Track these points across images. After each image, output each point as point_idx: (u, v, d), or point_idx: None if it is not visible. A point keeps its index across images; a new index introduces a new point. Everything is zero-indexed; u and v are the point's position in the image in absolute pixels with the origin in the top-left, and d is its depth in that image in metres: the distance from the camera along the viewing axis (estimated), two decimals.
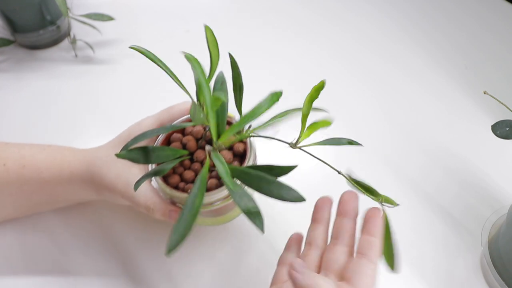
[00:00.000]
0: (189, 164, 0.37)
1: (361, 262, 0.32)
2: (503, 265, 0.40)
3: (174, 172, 0.36)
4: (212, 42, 0.34)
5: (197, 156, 0.36)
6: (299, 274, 0.29)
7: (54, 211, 0.46)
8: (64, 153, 0.41)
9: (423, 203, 0.49)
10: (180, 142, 0.38)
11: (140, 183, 0.33)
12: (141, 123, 0.41)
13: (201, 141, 0.37)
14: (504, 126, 0.38)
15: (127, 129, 0.41)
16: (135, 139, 0.33)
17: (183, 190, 0.36)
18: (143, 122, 0.41)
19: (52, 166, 0.40)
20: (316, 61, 0.67)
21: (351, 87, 0.63)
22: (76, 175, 0.40)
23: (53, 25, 0.65)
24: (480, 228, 0.44)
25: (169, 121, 0.41)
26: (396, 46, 0.70)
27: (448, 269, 0.44)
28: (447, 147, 0.55)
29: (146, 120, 0.41)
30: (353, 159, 0.54)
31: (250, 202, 0.30)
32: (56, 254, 0.44)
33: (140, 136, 0.33)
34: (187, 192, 0.35)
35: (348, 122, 0.58)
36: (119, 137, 0.41)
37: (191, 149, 0.37)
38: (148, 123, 0.40)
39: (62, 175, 0.40)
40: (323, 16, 0.76)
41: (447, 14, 0.77)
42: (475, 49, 0.70)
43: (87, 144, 0.43)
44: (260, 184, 0.30)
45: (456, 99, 0.62)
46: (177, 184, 0.36)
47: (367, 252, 0.33)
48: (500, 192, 0.50)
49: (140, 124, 0.41)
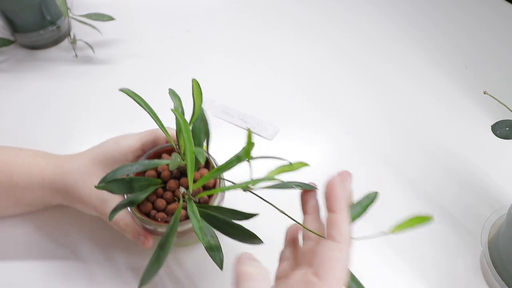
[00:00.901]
0: (161, 192, 0.39)
1: (323, 244, 0.28)
2: (503, 265, 0.40)
3: (147, 200, 0.38)
4: (197, 92, 0.37)
5: (170, 186, 0.39)
6: (237, 264, 0.28)
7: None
8: (37, 159, 0.41)
9: (423, 203, 0.49)
10: (155, 170, 0.40)
11: (116, 213, 0.34)
12: (120, 142, 0.40)
13: (176, 172, 0.40)
14: (504, 126, 0.38)
15: (103, 145, 0.40)
16: (113, 172, 0.34)
17: (154, 218, 0.38)
18: (123, 142, 0.39)
19: (25, 171, 0.40)
20: (316, 61, 0.67)
21: (351, 87, 0.63)
22: (47, 182, 0.40)
23: (53, 25, 0.65)
24: (480, 228, 0.44)
25: (152, 143, 0.41)
26: (396, 46, 0.70)
27: (448, 269, 0.44)
28: (447, 147, 0.55)
29: (126, 139, 0.40)
30: (353, 159, 0.54)
31: (213, 240, 0.34)
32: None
33: (119, 170, 0.35)
34: (157, 221, 0.37)
35: (348, 122, 0.58)
36: (94, 153, 0.40)
37: (165, 178, 0.39)
38: (128, 143, 0.39)
39: (33, 180, 0.40)
40: (323, 16, 0.76)
41: (447, 14, 0.77)
42: (475, 49, 0.70)
43: (87, 144, 0.43)
44: (225, 228, 0.34)
45: (456, 99, 0.62)
46: (149, 212, 0.38)
47: (330, 232, 0.29)
48: (500, 192, 0.50)
49: (119, 143, 0.39)
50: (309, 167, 0.35)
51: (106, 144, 0.40)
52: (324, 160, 0.54)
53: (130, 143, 0.40)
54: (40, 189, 0.40)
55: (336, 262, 0.27)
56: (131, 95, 0.35)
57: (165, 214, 0.38)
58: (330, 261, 0.27)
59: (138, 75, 0.63)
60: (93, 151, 0.40)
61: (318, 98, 0.61)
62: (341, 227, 0.29)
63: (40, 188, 0.40)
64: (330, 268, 0.27)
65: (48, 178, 0.40)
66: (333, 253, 0.27)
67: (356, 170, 0.54)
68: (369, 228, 0.47)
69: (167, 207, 0.38)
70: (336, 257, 0.27)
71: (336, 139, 0.56)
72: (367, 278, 0.43)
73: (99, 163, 0.39)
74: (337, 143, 0.56)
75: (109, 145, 0.40)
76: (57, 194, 0.40)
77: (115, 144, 0.40)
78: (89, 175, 0.38)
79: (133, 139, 0.40)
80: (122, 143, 0.40)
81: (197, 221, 0.32)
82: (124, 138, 0.40)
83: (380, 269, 0.43)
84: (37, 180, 0.40)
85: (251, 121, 0.56)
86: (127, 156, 0.40)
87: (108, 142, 0.40)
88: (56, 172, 0.39)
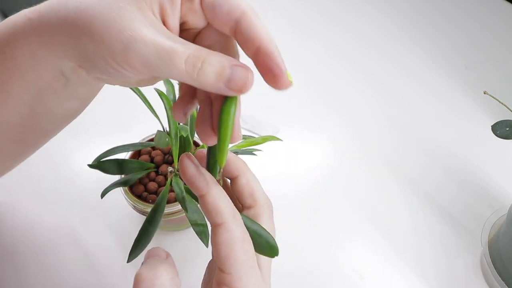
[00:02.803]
0: (154, 176, 0.41)
1: (212, 235, 0.25)
2: (503, 265, 0.40)
3: (140, 182, 0.40)
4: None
5: (162, 170, 0.41)
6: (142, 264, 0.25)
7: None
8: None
9: (423, 203, 0.49)
10: (149, 155, 0.42)
11: (108, 191, 0.36)
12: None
13: (168, 156, 0.42)
14: (504, 126, 0.38)
15: None
16: (106, 152, 0.36)
17: (145, 199, 0.39)
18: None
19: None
20: (316, 60, 0.67)
21: (351, 87, 0.63)
22: (38, 22, 0.24)
23: None
24: (480, 228, 0.44)
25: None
26: (396, 46, 0.70)
27: (448, 269, 0.44)
28: (447, 147, 0.55)
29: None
30: (354, 159, 0.54)
31: (200, 218, 0.34)
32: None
33: (111, 151, 0.38)
34: (148, 202, 0.39)
35: (348, 122, 0.58)
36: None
37: (158, 163, 0.41)
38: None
39: (15, 29, 0.25)
40: (323, 16, 0.76)
41: (447, 14, 0.77)
42: (475, 49, 0.70)
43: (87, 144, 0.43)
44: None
45: (456, 99, 0.62)
46: (141, 193, 0.40)
47: (209, 219, 0.25)
48: (500, 192, 0.50)
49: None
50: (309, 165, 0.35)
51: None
52: (324, 160, 0.54)
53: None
54: (28, 43, 0.24)
55: (228, 246, 0.23)
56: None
57: (156, 196, 0.40)
58: (221, 249, 0.23)
59: None
60: None
61: (318, 98, 0.61)
62: (216, 206, 0.24)
63: (28, 40, 0.24)
64: (227, 257, 0.23)
65: (37, 15, 0.24)
66: (221, 238, 0.23)
67: (356, 170, 0.54)
68: (369, 228, 0.47)
69: (158, 190, 0.40)
70: (226, 241, 0.23)
71: (336, 139, 0.56)
72: (368, 278, 0.43)
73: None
74: (337, 143, 0.56)
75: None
76: (57, 36, 0.23)
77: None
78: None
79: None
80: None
81: (181, 191, 0.33)
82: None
83: (380, 269, 0.43)
84: (21, 26, 0.25)
85: (251, 121, 0.56)
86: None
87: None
88: (54, 6, 0.24)
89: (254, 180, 0.28)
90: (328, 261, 0.44)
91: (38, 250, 0.44)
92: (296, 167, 0.52)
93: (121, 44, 0.21)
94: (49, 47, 0.24)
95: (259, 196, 0.27)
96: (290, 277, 0.42)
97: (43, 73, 0.25)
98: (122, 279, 0.42)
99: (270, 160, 0.48)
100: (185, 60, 0.21)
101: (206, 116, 0.25)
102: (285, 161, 0.53)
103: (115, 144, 0.40)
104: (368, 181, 0.51)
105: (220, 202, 0.24)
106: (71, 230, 0.45)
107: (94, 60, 0.23)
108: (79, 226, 0.46)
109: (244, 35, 0.23)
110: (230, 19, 0.23)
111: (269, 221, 0.27)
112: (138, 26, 0.21)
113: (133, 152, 0.42)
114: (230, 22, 0.23)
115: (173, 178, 0.36)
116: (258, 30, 0.23)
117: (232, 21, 0.23)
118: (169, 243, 0.44)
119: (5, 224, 0.46)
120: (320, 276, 0.43)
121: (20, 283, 0.42)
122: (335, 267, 0.43)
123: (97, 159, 0.37)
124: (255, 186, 0.27)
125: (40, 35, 0.24)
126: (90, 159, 0.38)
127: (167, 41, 0.21)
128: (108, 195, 0.37)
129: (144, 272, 0.23)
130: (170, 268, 0.24)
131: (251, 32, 0.23)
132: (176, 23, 0.24)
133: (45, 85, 0.25)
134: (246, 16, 0.23)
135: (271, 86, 0.23)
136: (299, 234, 0.45)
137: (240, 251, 0.24)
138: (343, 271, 0.43)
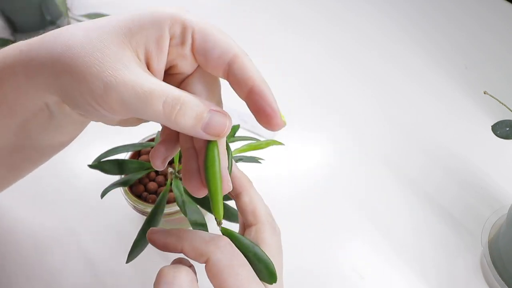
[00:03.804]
0: (154, 176, 0.41)
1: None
2: (503, 265, 0.40)
3: (140, 182, 0.40)
4: None
5: (162, 170, 0.40)
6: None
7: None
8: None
9: (423, 203, 0.49)
10: (149, 155, 0.41)
11: (108, 191, 0.36)
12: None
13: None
14: (504, 126, 0.38)
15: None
16: (107, 152, 0.36)
17: (145, 199, 0.39)
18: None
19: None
20: (316, 60, 0.67)
21: (351, 87, 0.63)
22: (27, 55, 0.24)
23: (53, 25, 0.65)
24: (480, 228, 0.44)
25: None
26: (396, 46, 0.70)
27: (448, 269, 0.44)
28: (447, 147, 0.55)
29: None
30: (354, 159, 0.54)
31: (199, 218, 0.34)
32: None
33: (112, 151, 0.38)
34: (148, 202, 0.39)
35: (348, 122, 0.58)
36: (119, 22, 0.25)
37: None
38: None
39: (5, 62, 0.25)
40: (323, 16, 0.76)
41: (447, 14, 0.77)
42: (475, 49, 0.70)
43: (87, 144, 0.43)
44: (209, 205, 0.34)
45: (456, 99, 0.62)
46: (141, 193, 0.40)
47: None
48: (500, 192, 0.50)
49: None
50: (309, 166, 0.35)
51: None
52: (324, 160, 0.54)
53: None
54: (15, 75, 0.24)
55: (217, 277, 0.24)
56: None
57: (156, 196, 0.40)
58: (214, 283, 0.24)
59: None
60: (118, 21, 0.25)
61: (318, 98, 0.61)
62: (196, 248, 0.25)
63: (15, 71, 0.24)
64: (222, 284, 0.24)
65: (28, 48, 0.24)
66: (210, 273, 0.24)
67: (356, 170, 0.54)
68: (370, 228, 0.47)
69: (158, 190, 0.40)
70: (215, 274, 0.24)
71: (336, 139, 0.56)
72: (368, 278, 0.43)
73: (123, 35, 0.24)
74: (337, 143, 0.56)
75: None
76: (41, 70, 0.23)
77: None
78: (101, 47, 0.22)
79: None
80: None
81: (180, 195, 0.33)
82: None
83: (380, 269, 0.43)
84: (11, 57, 0.24)
85: (251, 121, 0.56)
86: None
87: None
88: (44, 41, 0.24)
89: (257, 198, 0.29)
90: (328, 261, 0.44)
91: (38, 250, 0.44)
92: (296, 167, 0.52)
93: (101, 84, 0.21)
94: (34, 81, 0.24)
95: (261, 214, 0.28)
96: (290, 277, 0.42)
97: (28, 105, 0.25)
98: (122, 279, 0.42)
99: (270, 160, 0.48)
100: (164, 101, 0.22)
101: (192, 169, 0.25)
102: (285, 161, 0.53)
103: (115, 145, 0.40)
104: (368, 181, 0.51)
105: (198, 244, 0.24)
106: (71, 230, 0.45)
107: (74, 97, 0.23)
108: (79, 226, 0.46)
109: (237, 76, 0.24)
110: (222, 63, 0.24)
111: (272, 238, 0.27)
112: (119, 67, 0.22)
113: (133, 152, 0.42)
114: (223, 66, 0.24)
115: (173, 180, 0.36)
116: (250, 71, 0.24)
117: (225, 64, 0.24)
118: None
119: (5, 224, 0.46)
120: (320, 276, 0.43)
121: (20, 283, 0.42)
122: (335, 267, 0.43)
123: (97, 159, 0.38)
124: (257, 204, 0.28)
125: (27, 67, 0.24)
126: (90, 160, 0.38)
127: (146, 82, 0.22)
128: (108, 195, 0.37)
129: (166, 269, 0.24)
130: (191, 274, 0.24)
131: (244, 74, 0.24)
132: (161, 67, 0.24)
133: (31, 116, 0.26)
134: (238, 59, 0.24)
135: (264, 127, 0.24)
136: (299, 234, 0.45)
137: (231, 277, 0.24)
138: (343, 271, 0.43)
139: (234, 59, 0.24)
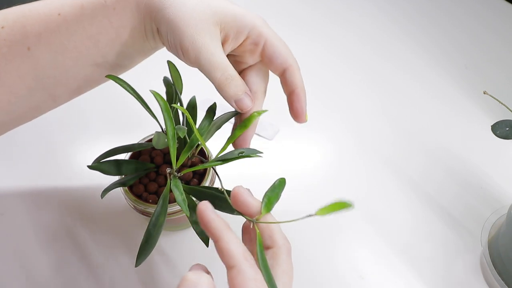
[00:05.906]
0: (154, 176, 0.41)
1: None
2: (503, 265, 0.40)
3: (140, 182, 0.40)
4: (176, 76, 0.39)
5: (162, 170, 0.41)
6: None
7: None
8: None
9: (423, 203, 0.49)
10: (149, 155, 0.42)
11: (107, 191, 0.36)
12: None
13: (168, 156, 0.41)
14: (504, 126, 0.38)
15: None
16: (106, 153, 0.38)
17: (146, 200, 0.39)
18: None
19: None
20: (317, 60, 0.67)
21: (352, 87, 0.63)
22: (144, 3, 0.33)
23: None
24: (480, 228, 0.44)
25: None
26: (396, 46, 0.70)
27: (448, 269, 0.44)
28: (447, 147, 0.55)
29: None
30: (354, 159, 0.54)
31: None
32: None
33: (111, 152, 0.38)
34: (148, 202, 0.39)
35: (349, 122, 0.58)
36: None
37: (158, 163, 0.41)
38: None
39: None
40: (325, 15, 0.76)
41: (448, 14, 0.77)
42: (475, 49, 0.70)
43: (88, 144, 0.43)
44: (213, 201, 0.34)
45: (456, 99, 0.62)
46: (141, 194, 0.40)
47: (223, 261, 0.28)
48: (500, 192, 0.50)
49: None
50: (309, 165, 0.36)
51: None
52: (324, 160, 0.54)
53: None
54: (115, 12, 0.33)
55: (241, 286, 0.25)
56: (118, 82, 0.36)
57: (157, 196, 0.40)
58: (238, 286, 0.26)
59: (138, 75, 0.62)
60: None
61: (318, 98, 0.61)
62: (228, 251, 0.27)
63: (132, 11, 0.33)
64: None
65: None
66: (235, 280, 0.26)
67: (357, 170, 0.54)
68: (370, 228, 0.47)
69: (158, 190, 0.40)
70: (239, 282, 0.25)
71: (337, 139, 0.56)
72: (368, 278, 0.43)
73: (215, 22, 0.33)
74: (338, 143, 0.56)
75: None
76: (152, 7, 0.33)
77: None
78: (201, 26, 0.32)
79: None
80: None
81: (180, 194, 0.34)
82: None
83: (380, 269, 0.43)
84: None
85: None
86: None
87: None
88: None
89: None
90: (328, 261, 0.44)
91: (38, 250, 0.44)
92: (296, 167, 0.52)
93: (191, 43, 0.31)
94: (145, 9, 0.33)
95: (277, 238, 0.30)
96: None
97: (135, 28, 0.34)
98: (122, 279, 0.42)
99: (270, 160, 0.48)
100: (222, 73, 0.32)
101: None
102: (285, 162, 0.53)
103: (115, 145, 0.40)
104: (368, 181, 0.51)
105: (232, 246, 0.27)
106: (71, 230, 0.46)
107: (167, 37, 0.32)
108: (79, 226, 0.46)
109: (287, 80, 0.35)
110: (281, 67, 0.35)
111: (286, 262, 0.29)
112: (207, 37, 0.32)
113: (133, 153, 0.42)
114: (280, 69, 0.35)
115: (172, 179, 0.36)
116: (297, 79, 0.35)
117: (282, 69, 0.35)
118: (169, 242, 0.45)
119: (5, 224, 0.46)
120: (320, 276, 0.43)
121: (20, 283, 0.42)
122: (335, 267, 0.43)
123: (97, 160, 0.38)
124: (274, 229, 0.30)
125: (139, 4, 0.33)
126: (90, 160, 0.38)
127: (219, 56, 0.32)
128: (108, 195, 0.37)
129: (190, 274, 0.26)
130: (211, 282, 0.27)
131: (292, 80, 0.35)
132: (227, 51, 0.34)
133: (132, 33, 0.34)
134: (292, 68, 0.35)
135: (291, 117, 0.36)
136: (299, 234, 0.45)
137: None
138: (343, 271, 0.43)
139: (289, 67, 0.35)
